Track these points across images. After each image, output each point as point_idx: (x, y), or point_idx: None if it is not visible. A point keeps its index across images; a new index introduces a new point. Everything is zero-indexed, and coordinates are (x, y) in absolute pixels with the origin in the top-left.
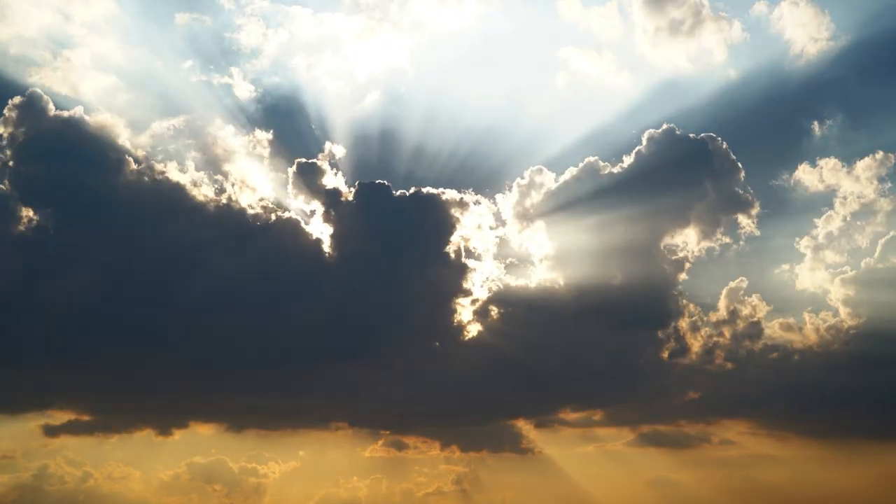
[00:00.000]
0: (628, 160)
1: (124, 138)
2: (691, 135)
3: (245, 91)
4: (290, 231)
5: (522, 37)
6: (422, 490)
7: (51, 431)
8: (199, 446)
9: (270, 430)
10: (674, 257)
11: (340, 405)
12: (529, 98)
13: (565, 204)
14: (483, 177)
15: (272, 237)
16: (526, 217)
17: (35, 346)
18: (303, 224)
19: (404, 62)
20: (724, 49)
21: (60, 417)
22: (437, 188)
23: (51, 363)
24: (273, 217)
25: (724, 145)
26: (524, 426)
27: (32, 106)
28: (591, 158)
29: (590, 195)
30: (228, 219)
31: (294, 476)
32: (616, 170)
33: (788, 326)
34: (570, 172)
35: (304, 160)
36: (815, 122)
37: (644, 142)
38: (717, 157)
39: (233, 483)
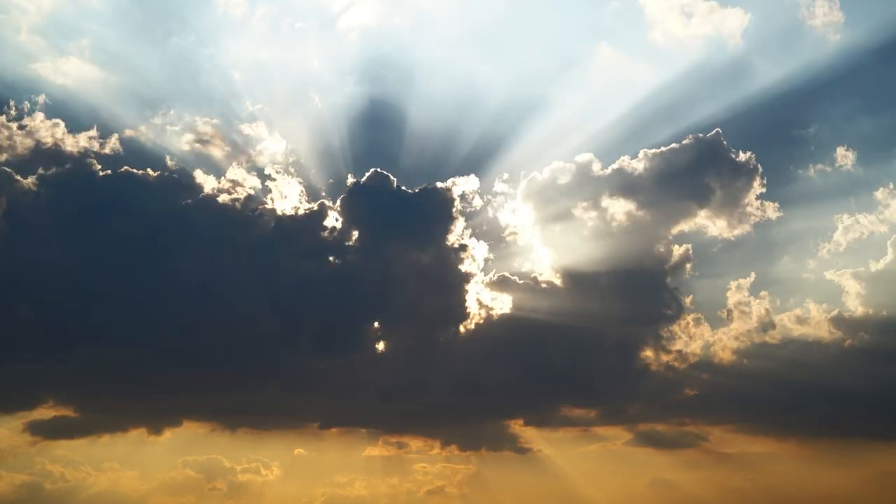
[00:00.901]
0: (633, 152)
1: (114, 130)
2: (705, 135)
3: (235, 70)
4: (285, 225)
5: (522, 15)
6: (422, 489)
7: (39, 430)
8: (193, 445)
9: (265, 430)
10: (678, 252)
11: (338, 404)
12: (530, 81)
13: (566, 197)
14: (481, 164)
15: (267, 231)
16: (526, 210)
17: (23, 343)
18: (299, 217)
19: (395, 38)
20: (738, 38)
21: (49, 415)
22: (431, 170)
23: (40, 361)
24: (268, 210)
25: (733, 140)
26: (523, 425)
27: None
28: (589, 155)
29: (592, 187)
30: (221, 211)
31: (293, 475)
32: (619, 163)
33: (793, 324)
34: (573, 162)
35: (284, 164)
36: (830, 117)
37: (653, 133)
38: (727, 150)
39: (230, 483)
